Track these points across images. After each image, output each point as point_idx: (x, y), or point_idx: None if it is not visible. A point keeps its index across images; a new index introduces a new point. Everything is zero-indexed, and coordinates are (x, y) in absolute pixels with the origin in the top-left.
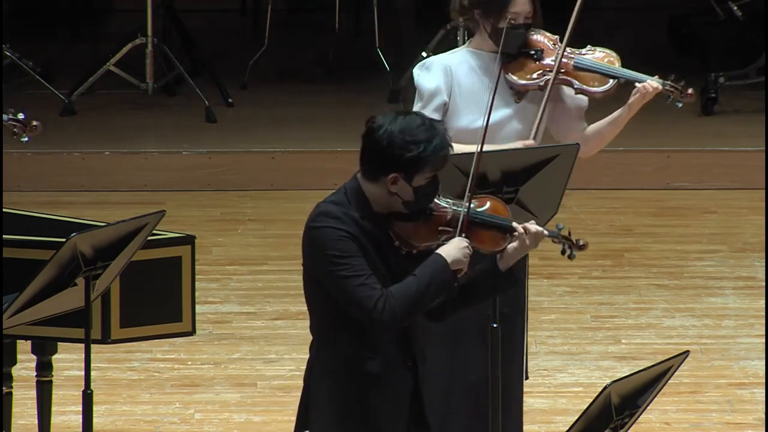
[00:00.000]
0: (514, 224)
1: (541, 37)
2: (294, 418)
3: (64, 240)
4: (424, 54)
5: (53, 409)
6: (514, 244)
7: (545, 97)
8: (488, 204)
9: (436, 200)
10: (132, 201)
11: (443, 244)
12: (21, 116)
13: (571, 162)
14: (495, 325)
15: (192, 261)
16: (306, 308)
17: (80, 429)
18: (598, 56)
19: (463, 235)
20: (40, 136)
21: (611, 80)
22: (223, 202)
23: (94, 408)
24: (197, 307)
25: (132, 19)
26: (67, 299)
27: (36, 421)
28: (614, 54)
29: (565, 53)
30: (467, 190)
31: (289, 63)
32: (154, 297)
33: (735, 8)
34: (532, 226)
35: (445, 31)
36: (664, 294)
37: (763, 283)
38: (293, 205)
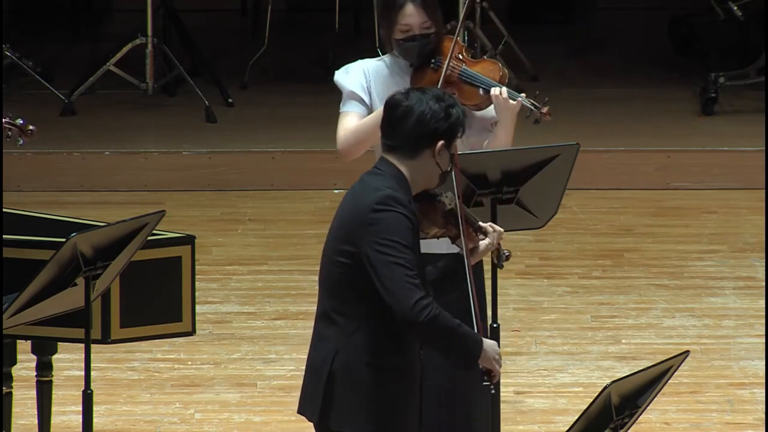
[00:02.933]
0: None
1: (450, 45)
2: (294, 418)
3: (64, 240)
4: None
5: (53, 409)
6: (484, 242)
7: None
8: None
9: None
10: (132, 201)
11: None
12: (20, 121)
13: (571, 162)
14: (495, 325)
15: (192, 261)
16: (305, 308)
17: (80, 429)
18: (482, 66)
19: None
20: (40, 136)
21: (480, 91)
22: (223, 202)
23: (94, 408)
24: (197, 307)
25: (132, 19)
26: (67, 299)
27: (36, 421)
28: (496, 64)
29: (456, 64)
30: (457, 192)
31: (289, 63)
32: (154, 297)
33: (735, 8)
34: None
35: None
36: (664, 294)
37: (763, 283)
38: (293, 205)
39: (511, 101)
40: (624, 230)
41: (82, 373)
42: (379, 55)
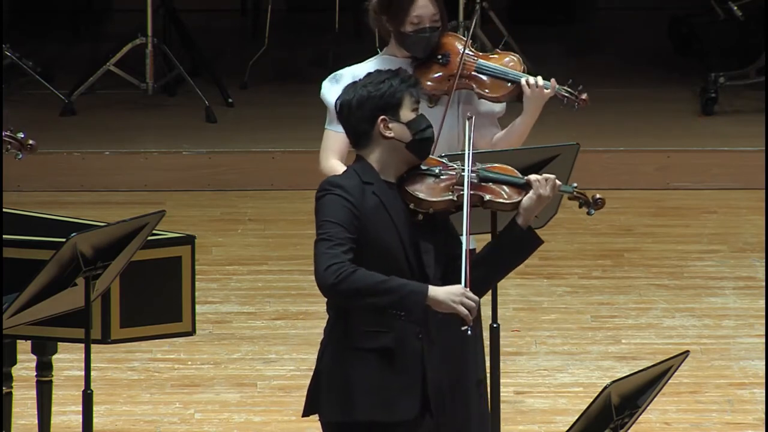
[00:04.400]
0: (528, 177)
1: (453, 40)
2: (294, 418)
3: (64, 240)
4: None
5: (53, 409)
6: (529, 197)
7: (448, 101)
8: (496, 165)
9: (442, 166)
10: (132, 201)
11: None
12: (21, 135)
13: (571, 162)
14: (495, 325)
15: (192, 261)
16: (305, 308)
17: (80, 429)
18: (501, 60)
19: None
20: (41, 136)
21: (508, 83)
22: (223, 202)
23: (94, 408)
24: (197, 307)
25: (132, 19)
26: (67, 299)
27: (36, 421)
28: (516, 57)
29: (468, 58)
30: (467, 159)
31: (289, 63)
32: (154, 297)
33: (735, 8)
34: (548, 175)
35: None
36: (664, 294)
37: (763, 283)
38: (293, 205)
39: (545, 90)
40: (624, 230)
41: (82, 373)
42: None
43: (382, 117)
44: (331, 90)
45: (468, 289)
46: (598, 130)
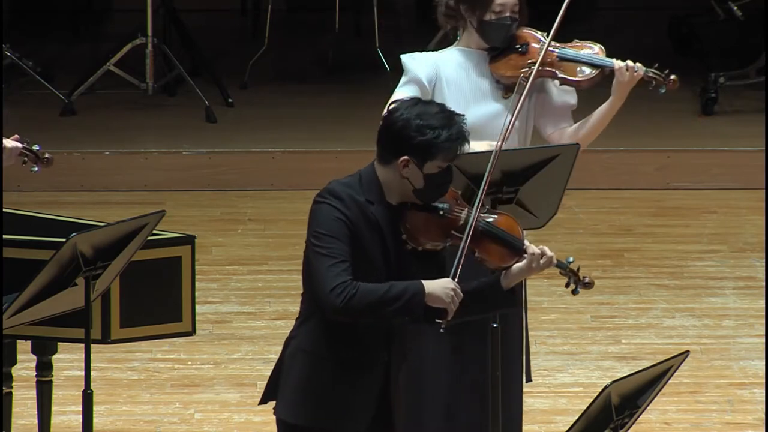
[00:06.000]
0: (527, 244)
1: (530, 32)
2: None
3: (64, 240)
4: None
5: (53, 409)
6: (520, 264)
7: (526, 87)
8: (503, 220)
9: (453, 204)
10: (132, 201)
11: (447, 249)
12: (36, 147)
13: (571, 162)
14: (495, 325)
15: (192, 261)
16: None
17: (80, 429)
18: (582, 48)
19: (468, 244)
20: (41, 136)
21: (594, 69)
22: (223, 202)
23: (94, 408)
24: (197, 307)
25: (132, 19)
26: (67, 299)
27: (36, 421)
28: (598, 45)
29: (550, 46)
30: (478, 197)
31: (289, 63)
32: (154, 297)
33: (735, 8)
34: (547, 251)
35: (445, 31)
36: (664, 294)
37: (763, 283)
38: (293, 205)
39: (635, 73)
40: (624, 230)
41: (82, 373)
42: (380, 56)
43: (405, 158)
44: (413, 62)
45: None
46: None
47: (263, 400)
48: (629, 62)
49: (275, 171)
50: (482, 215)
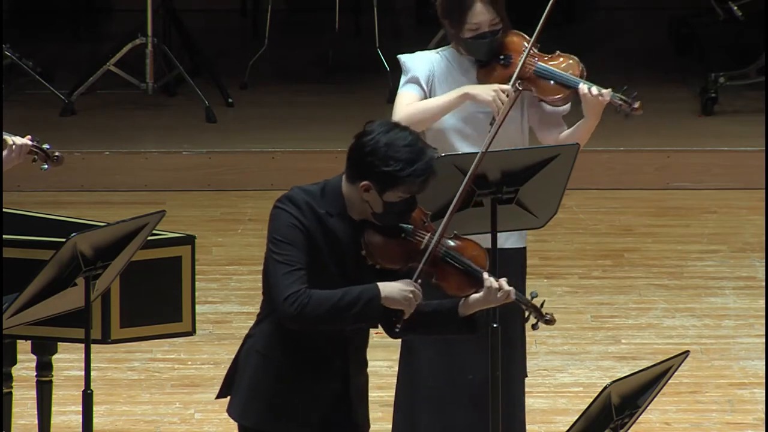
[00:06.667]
0: (485, 276)
1: (518, 38)
2: None
3: (64, 240)
4: None
5: (53, 409)
6: (477, 296)
7: (510, 103)
8: (469, 249)
9: (418, 227)
10: (132, 201)
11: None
12: (46, 146)
13: (571, 162)
14: (495, 325)
15: (192, 261)
16: None
17: (80, 429)
18: (560, 63)
19: (419, 282)
20: (40, 136)
21: (564, 88)
22: (223, 202)
23: (94, 408)
24: (197, 307)
25: (132, 19)
26: (67, 299)
27: (36, 421)
28: (575, 60)
29: (529, 60)
30: (442, 225)
31: (289, 63)
32: (154, 297)
33: (735, 8)
34: (505, 285)
35: (445, 31)
36: (664, 294)
37: (763, 283)
38: None
39: (599, 98)
40: (624, 230)
41: (82, 373)
42: (380, 56)
43: (367, 183)
44: (412, 60)
45: (417, 282)
46: (598, 130)
47: (220, 395)
48: (593, 88)
49: (275, 171)
50: (448, 241)
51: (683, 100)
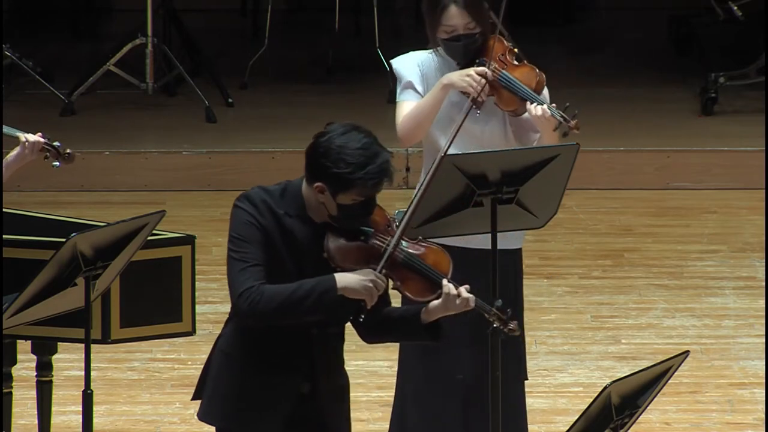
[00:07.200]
0: (444, 282)
1: (498, 47)
2: None
3: (64, 240)
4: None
5: (53, 409)
6: (437, 302)
7: (466, 109)
8: (431, 255)
9: (379, 231)
10: (132, 201)
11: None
12: (57, 144)
13: (571, 162)
14: (495, 326)
15: (192, 261)
16: None
17: (80, 429)
18: (522, 74)
19: (383, 272)
20: None
21: (518, 98)
22: (223, 202)
23: (94, 408)
24: (197, 307)
25: (132, 19)
26: (67, 299)
27: (36, 421)
28: (534, 71)
29: (496, 67)
30: (399, 229)
31: (289, 63)
32: (154, 297)
33: (735, 8)
34: (464, 293)
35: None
36: (664, 294)
37: (763, 283)
38: None
39: (543, 115)
40: (624, 230)
41: (82, 373)
42: (380, 56)
43: (320, 185)
44: (402, 65)
45: (380, 273)
46: (598, 130)
47: (194, 397)
48: (538, 108)
49: (275, 171)
50: (411, 245)
51: (683, 100)
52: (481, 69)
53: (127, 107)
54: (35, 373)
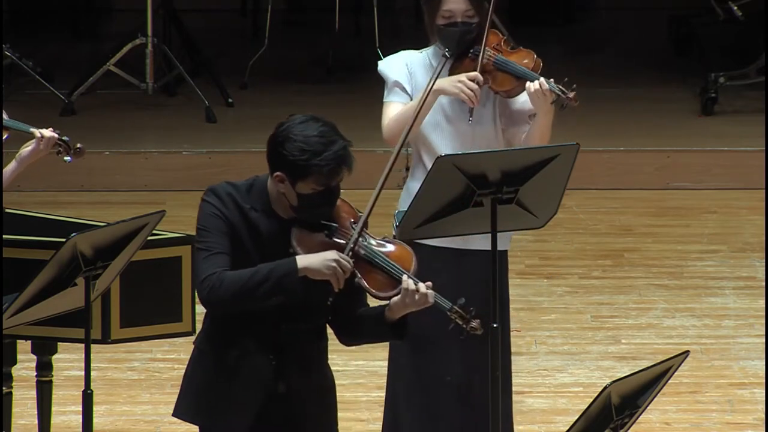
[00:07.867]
0: (404, 278)
1: (492, 38)
2: None
3: (64, 240)
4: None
5: (53, 409)
6: (396, 298)
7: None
8: (394, 250)
9: (344, 225)
10: (132, 201)
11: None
12: (66, 138)
13: (571, 162)
14: (495, 325)
15: (192, 261)
16: None
17: (80, 429)
18: (518, 57)
19: (349, 254)
20: None
21: (515, 79)
22: None
23: (94, 408)
24: (197, 307)
25: (132, 19)
26: (67, 299)
27: (36, 421)
28: (531, 54)
29: (489, 54)
30: (360, 222)
31: (289, 63)
32: (154, 297)
33: (735, 8)
34: (422, 288)
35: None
36: (664, 294)
37: (763, 283)
38: None
39: (541, 88)
40: (624, 230)
41: (82, 373)
42: (380, 56)
43: (279, 174)
44: (388, 66)
45: (346, 255)
46: (598, 130)
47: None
48: (534, 82)
49: None
50: (375, 241)
51: (683, 100)
52: (472, 74)
53: (127, 107)
54: (35, 373)
